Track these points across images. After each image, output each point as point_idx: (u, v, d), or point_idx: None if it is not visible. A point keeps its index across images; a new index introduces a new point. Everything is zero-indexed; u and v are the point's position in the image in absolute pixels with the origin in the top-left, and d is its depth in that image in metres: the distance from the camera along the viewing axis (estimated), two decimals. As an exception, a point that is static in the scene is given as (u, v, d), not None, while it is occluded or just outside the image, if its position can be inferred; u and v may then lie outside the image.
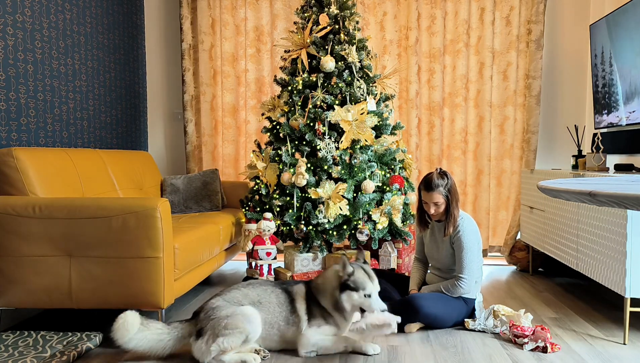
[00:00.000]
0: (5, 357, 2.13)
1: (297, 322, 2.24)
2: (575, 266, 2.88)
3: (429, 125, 4.23)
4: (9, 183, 2.50)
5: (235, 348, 2.10)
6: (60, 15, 3.16)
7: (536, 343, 2.32)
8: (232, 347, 2.08)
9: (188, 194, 3.81)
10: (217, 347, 2.07)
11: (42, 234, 2.37)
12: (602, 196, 1.10)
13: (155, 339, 2.13)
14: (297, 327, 2.25)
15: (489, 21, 4.09)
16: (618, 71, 3.35)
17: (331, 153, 3.33)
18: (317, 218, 3.24)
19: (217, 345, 2.07)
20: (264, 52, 4.29)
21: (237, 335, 2.08)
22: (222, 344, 2.07)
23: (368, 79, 3.53)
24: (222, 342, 2.07)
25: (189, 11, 4.26)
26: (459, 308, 2.61)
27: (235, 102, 4.34)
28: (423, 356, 2.25)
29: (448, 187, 2.60)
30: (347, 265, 2.23)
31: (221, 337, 2.08)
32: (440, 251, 2.71)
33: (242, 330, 2.09)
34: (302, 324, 2.24)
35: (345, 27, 3.53)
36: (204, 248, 2.90)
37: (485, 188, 4.20)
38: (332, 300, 2.24)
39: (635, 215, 2.30)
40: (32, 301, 2.43)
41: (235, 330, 2.08)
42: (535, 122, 4.03)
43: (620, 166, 3.13)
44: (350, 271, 2.22)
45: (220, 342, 2.07)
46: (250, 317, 2.13)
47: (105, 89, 3.73)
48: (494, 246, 4.27)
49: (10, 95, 2.72)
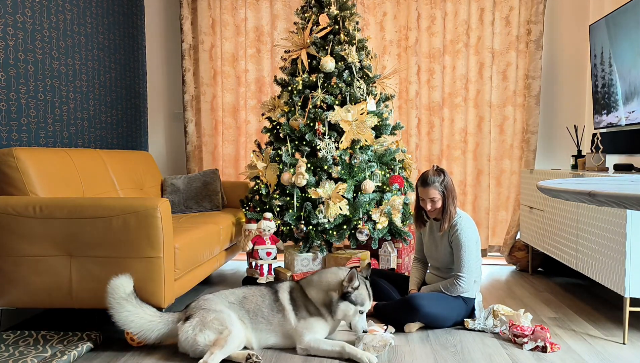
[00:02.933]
0: (5, 356, 2.13)
1: (281, 309, 2.33)
2: (575, 266, 2.89)
3: (429, 125, 4.24)
4: (9, 183, 2.51)
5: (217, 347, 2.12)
6: (61, 15, 3.16)
7: (536, 342, 2.32)
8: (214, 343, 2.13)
9: (188, 194, 3.81)
10: (203, 340, 2.14)
11: (43, 234, 2.37)
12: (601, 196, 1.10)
13: (147, 319, 2.23)
14: (282, 314, 2.32)
15: (489, 21, 4.10)
16: (617, 71, 3.36)
17: (331, 153, 3.33)
18: (317, 218, 3.24)
19: (203, 336, 2.14)
20: (264, 52, 4.29)
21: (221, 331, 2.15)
22: (207, 337, 2.14)
23: (368, 79, 3.54)
24: (208, 334, 2.15)
25: (189, 11, 4.26)
26: (458, 308, 2.61)
27: (235, 103, 4.35)
28: (423, 356, 2.26)
29: (444, 183, 2.62)
30: (354, 279, 2.30)
31: (207, 329, 2.16)
32: (439, 250, 2.71)
33: (226, 328, 2.17)
34: (289, 314, 2.32)
35: (345, 28, 3.53)
36: (204, 248, 2.91)
37: (485, 188, 4.20)
38: (325, 297, 2.33)
39: (634, 215, 2.31)
40: (32, 301, 2.43)
41: (220, 327, 2.16)
42: (535, 122, 4.03)
43: (620, 166, 3.14)
44: (356, 285, 2.30)
45: (206, 334, 2.15)
46: (235, 322, 2.23)
47: (106, 89, 3.73)
48: (494, 246, 4.28)
49: (11, 95, 2.72)
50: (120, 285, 2.21)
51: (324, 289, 2.34)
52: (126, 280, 2.24)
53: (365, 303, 2.30)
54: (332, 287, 2.33)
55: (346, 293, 2.29)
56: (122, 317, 2.20)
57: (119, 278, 2.23)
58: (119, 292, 2.21)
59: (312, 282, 2.40)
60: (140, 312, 2.23)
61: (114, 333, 2.52)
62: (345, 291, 2.29)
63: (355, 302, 2.28)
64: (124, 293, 2.21)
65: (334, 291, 2.32)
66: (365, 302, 2.30)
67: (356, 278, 2.30)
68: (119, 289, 2.21)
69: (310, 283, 2.40)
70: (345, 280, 2.31)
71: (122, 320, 2.20)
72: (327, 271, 2.42)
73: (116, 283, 2.21)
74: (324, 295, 2.33)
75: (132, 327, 2.21)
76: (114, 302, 2.20)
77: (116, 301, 2.20)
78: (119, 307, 2.20)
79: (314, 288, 2.37)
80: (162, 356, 2.24)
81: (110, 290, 2.20)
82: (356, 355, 2.18)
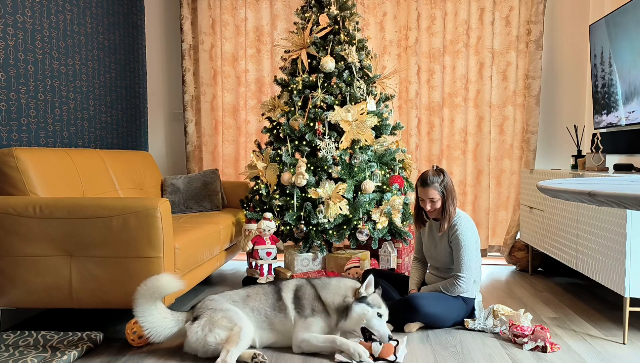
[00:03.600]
0: (5, 356, 2.13)
1: (283, 308, 2.33)
2: (575, 266, 2.89)
3: (429, 125, 4.24)
4: (9, 183, 2.51)
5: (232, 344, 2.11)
6: (61, 15, 3.16)
7: (536, 342, 2.32)
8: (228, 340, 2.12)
9: (188, 194, 3.81)
10: (214, 339, 2.13)
11: (43, 234, 2.37)
12: (601, 196, 1.10)
13: (160, 316, 2.22)
14: (284, 314, 2.32)
15: (489, 21, 4.10)
16: (617, 71, 3.36)
17: (331, 153, 3.33)
18: (317, 218, 3.24)
19: (213, 335, 2.14)
20: (264, 52, 4.29)
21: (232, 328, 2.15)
22: (217, 336, 2.14)
23: (368, 79, 3.54)
24: (218, 333, 2.14)
25: (189, 11, 4.26)
26: (458, 308, 2.61)
27: (235, 103, 4.35)
28: (423, 356, 2.26)
29: (444, 184, 2.62)
30: (370, 286, 2.36)
31: (217, 328, 2.15)
32: (438, 250, 2.71)
33: (235, 325, 2.16)
34: (290, 312, 2.32)
35: (345, 28, 3.54)
36: (204, 248, 2.91)
37: (485, 188, 4.20)
38: (341, 302, 2.35)
39: (635, 215, 2.31)
40: (32, 301, 2.43)
41: (230, 325, 2.16)
42: (535, 122, 4.03)
43: (620, 166, 3.14)
44: (371, 292, 2.36)
45: (217, 333, 2.14)
46: (243, 318, 2.23)
47: (106, 89, 3.73)
48: (494, 246, 4.28)
49: (11, 95, 2.72)
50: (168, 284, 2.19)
51: (342, 294, 2.37)
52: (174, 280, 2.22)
53: (382, 306, 2.32)
54: (349, 293, 2.37)
55: (362, 297, 2.33)
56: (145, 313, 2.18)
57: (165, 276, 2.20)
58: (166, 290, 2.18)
59: (330, 286, 2.41)
60: (155, 310, 2.22)
61: (114, 333, 2.52)
62: (361, 296, 2.33)
63: (371, 305, 2.30)
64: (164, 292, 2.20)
65: (350, 297, 2.36)
66: (382, 305, 2.33)
67: (372, 286, 2.36)
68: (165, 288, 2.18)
69: (327, 287, 2.41)
70: (362, 287, 2.36)
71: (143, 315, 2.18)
72: (346, 279, 2.47)
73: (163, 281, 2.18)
74: (340, 299, 2.36)
75: (146, 321, 2.19)
76: (149, 298, 2.17)
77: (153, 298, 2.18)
78: (152, 304, 2.18)
79: (330, 292, 2.38)
80: (162, 356, 2.24)
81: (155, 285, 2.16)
82: (348, 348, 2.19)
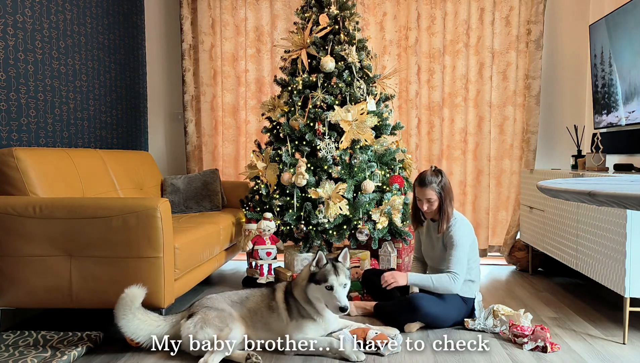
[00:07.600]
0: (5, 356, 2.13)
1: (275, 308, 2.34)
2: (575, 266, 2.89)
3: (429, 125, 4.24)
4: (9, 183, 2.51)
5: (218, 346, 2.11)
6: (61, 15, 3.16)
7: (536, 343, 2.32)
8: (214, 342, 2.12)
9: (188, 194, 3.81)
10: (204, 336, 2.13)
11: (43, 234, 2.37)
12: (601, 196, 1.10)
13: (154, 325, 2.23)
14: (277, 313, 2.33)
15: (489, 21, 4.10)
16: (617, 71, 3.36)
17: (331, 153, 3.33)
18: (317, 218, 3.24)
19: (203, 333, 2.14)
20: (264, 52, 4.29)
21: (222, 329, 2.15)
22: (207, 334, 2.14)
23: (368, 79, 3.54)
24: (208, 332, 2.14)
25: (189, 11, 4.26)
26: (458, 308, 2.61)
27: (235, 103, 4.35)
28: (423, 356, 2.25)
29: (441, 184, 2.61)
30: (321, 259, 2.30)
31: (208, 326, 2.16)
32: (436, 250, 2.71)
33: (226, 326, 2.17)
34: (282, 312, 2.32)
35: (345, 28, 3.53)
36: (204, 248, 2.91)
37: (485, 188, 4.20)
38: (303, 292, 2.33)
39: (635, 215, 2.31)
40: (32, 301, 2.43)
41: (221, 325, 2.17)
42: (535, 122, 4.03)
43: (620, 166, 3.14)
44: (322, 264, 2.29)
45: (207, 332, 2.14)
46: (235, 321, 2.24)
47: (106, 89, 3.73)
48: (494, 246, 4.28)
49: (11, 95, 2.72)
50: (136, 296, 2.18)
51: (300, 283, 2.35)
52: (140, 290, 2.19)
53: (329, 278, 2.23)
54: (303, 277, 2.34)
55: (312, 274, 2.28)
56: (132, 326, 2.18)
57: (133, 288, 2.18)
58: (135, 303, 2.17)
59: (296, 282, 2.41)
60: (148, 320, 2.23)
61: (114, 333, 2.51)
62: (311, 273, 2.29)
63: (317, 280, 2.24)
64: (138, 302, 2.19)
65: (304, 280, 2.32)
66: (329, 277, 2.23)
67: (322, 258, 2.29)
68: (136, 300, 2.17)
69: (296, 283, 2.40)
70: (312, 265, 2.30)
71: (132, 329, 2.18)
72: (303, 268, 2.42)
73: (132, 294, 2.16)
74: (301, 289, 2.33)
75: (140, 335, 2.20)
76: (128, 313, 2.16)
77: (131, 312, 2.17)
78: (132, 317, 2.17)
79: (295, 287, 2.37)
80: (162, 356, 2.23)
81: (125, 301, 2.15)
82: (344, 351, 2.18)
